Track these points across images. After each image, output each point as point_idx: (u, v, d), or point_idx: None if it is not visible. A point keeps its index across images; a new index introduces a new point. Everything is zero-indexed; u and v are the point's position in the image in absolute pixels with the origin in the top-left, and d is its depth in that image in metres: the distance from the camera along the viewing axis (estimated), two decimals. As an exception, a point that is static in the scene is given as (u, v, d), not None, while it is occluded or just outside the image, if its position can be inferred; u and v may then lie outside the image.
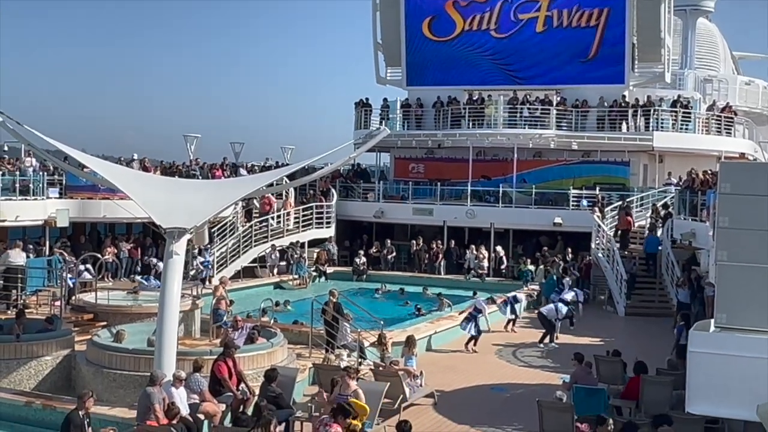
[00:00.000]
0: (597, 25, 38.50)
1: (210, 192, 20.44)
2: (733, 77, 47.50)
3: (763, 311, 8.08)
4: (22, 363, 17.20)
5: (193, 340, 19.66)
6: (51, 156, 21.67)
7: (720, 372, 7.98)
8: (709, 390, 8.12)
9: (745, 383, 7.69)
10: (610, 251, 31.18)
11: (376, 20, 42.38)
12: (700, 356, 8.22)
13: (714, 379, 8.03)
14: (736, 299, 8.32)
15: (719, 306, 8.47)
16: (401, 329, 22.65)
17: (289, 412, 14.45)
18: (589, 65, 38.96)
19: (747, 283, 8.18)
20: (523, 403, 16.50)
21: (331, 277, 34.62)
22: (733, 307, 8.31)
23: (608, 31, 38.33)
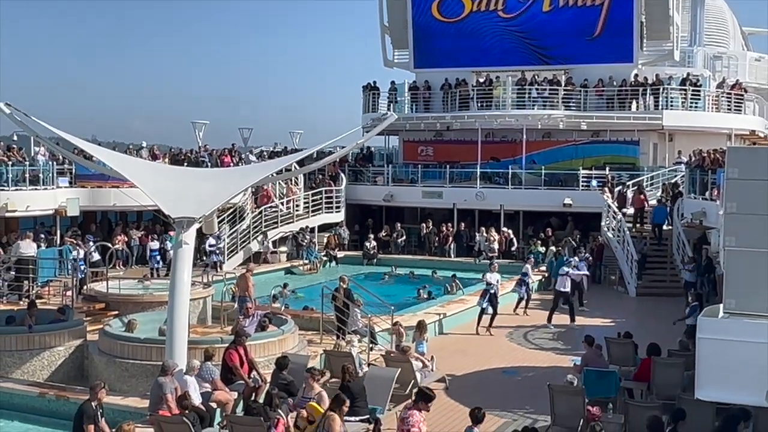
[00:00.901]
0: (602, 3, 38.25)
1: (218, 180, 20.46)
2: (743, 53, 47.27)
3: (767, 297, 8.07)
4: (35, 354, 17.30)
5: (204, 328, 19.72)
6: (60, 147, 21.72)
7: (729, 358, 7.97)
8: (718, 376, 8.11)
9: (754, 369, 7.67)
10: (620, 231, 31.08)
11: (382, 2, 42.22)
12: (709, 342, 8.20)
13: (723, 365, 8.03)
14: (744, 285, 8.28)
15: (728, 291, 8.43)
16: (412, 313, 22.71)
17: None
18: (596, 44, 38.73)
19: (756, 269, 8.13)
20: (534, 387, 16.51)
21: (342, 262, 34.68)
22: (741, 293, 8.27)
23: (614, 8, 38.07)
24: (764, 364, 7.54)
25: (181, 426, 12.50)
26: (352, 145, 25.06)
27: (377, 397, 14.57)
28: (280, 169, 24.06)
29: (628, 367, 16.75)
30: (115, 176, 22.67)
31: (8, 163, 29.26)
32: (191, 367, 14.38)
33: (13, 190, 28.64)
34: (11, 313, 19.28)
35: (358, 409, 14.17)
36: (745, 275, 8.30)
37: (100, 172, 27.56)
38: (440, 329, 22.66)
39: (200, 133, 42.03)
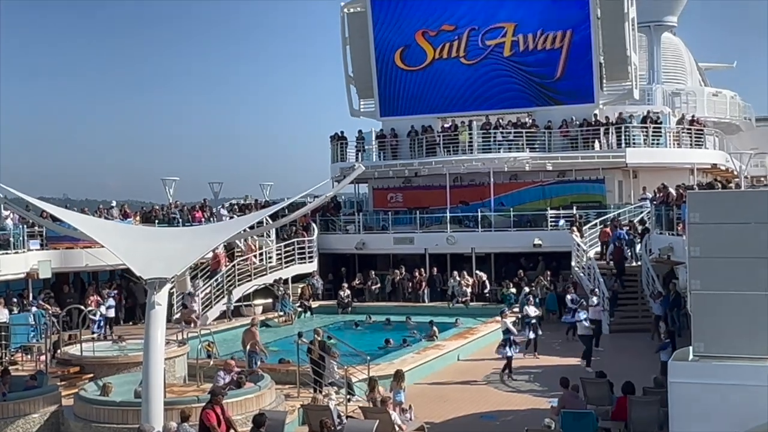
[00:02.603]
0: (561, 47, 38.85)
1: (189, 239, 20.35)
2: (701, 89, 48.08)
3: (739, 338, 8.09)
4: (9, 422, 16.99)
5: (180, 387, 19.49)
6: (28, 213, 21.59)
7: (701, 401, 7.95)
8: (691, 419, 8.08)
9: (726, 410, 7.67)
10: (590, 269, 31.22)
11: (346, 54, 42.69)
12: (680, 386, 8.20)
13: (696, 407, 8.01)
14: (712, 327, 8.30)
15: (696, 335, 8.45)
16: (388, 362, 22.57)
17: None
18: (558, 86, 39.27)
19: (722, 311, 8.17)
20: (512, 431, 16.45)
21: (317, 311, 34.56)
22: (709, 336, 8.29)
23: (573, 52, 38.68)
24: (736, 405, 7.55)
25: (159, 491, 12.35)
26: (323, 198, 25.12)
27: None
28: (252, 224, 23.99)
29: (604, 406, 16.74)
30: (86, 237, 22.52)
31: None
32: (168, 430, 14.22)
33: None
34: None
35: (338, 464, 14.10)
36: (712, 318, 8.34)
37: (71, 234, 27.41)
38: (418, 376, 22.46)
39: (170, 189, 41.83)
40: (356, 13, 42.03)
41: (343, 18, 42.40)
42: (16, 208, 23.32)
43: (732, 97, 49.04)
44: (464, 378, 22.76)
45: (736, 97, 49.60)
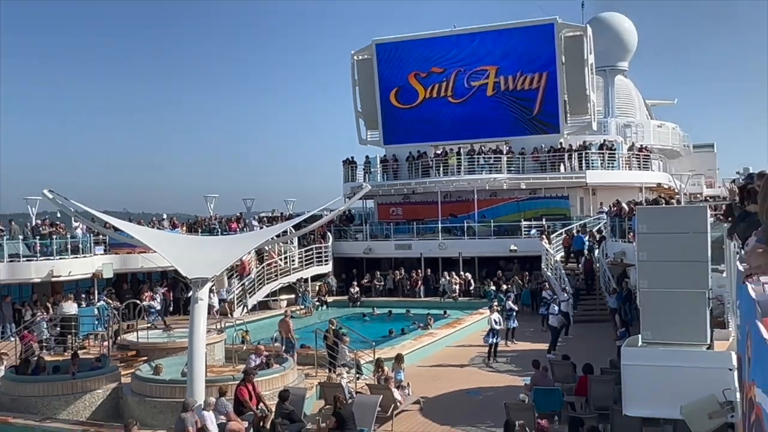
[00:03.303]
0: (539, 87, 38.89)
1: (227, 246, 20.42)
2: (648, 122, 48.11)
3: (680, 328, 8.09)
4: (78, 397, 17.05)
5: (219, 368, 19.49)
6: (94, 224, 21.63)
7: (649, 380, 7.92)
8: (640, 395, 8.05)
9: (669, 388, 7.64)
10: (557, 270, 31.23)
11: (355, 93, 42.74)
12: (631, 368, 8.16)
13: (644, 386, 7.98)
14: (657, 319, 8.29)
15: (644, 325, 8.45)
16: (390, 347, 22.56)
17: (300, 425, 14.37)
18: (531, 119, 39.36)
19: (665, 305, 8.18)
20: (493, 404, 16.40)
21: (331, 305, 34.49)
22: (655, 325, 8.28)
23: (546, 91, 38.75)
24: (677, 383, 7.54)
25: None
26: (336, 211, 25.12)
27: (364, 420, 14.47)
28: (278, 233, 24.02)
29: (569, 384, 16.72)
30: (142, 244, 22.58)
31: (53, 237, 29.17)
32: (208, 403, 14.22)
33: (57, 259, 28.49)
34: (57, 363, 19.07)
35: (348, 431, 14.05)
36: (657, 311, 8.33)
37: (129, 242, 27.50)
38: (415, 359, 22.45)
39: (211, 204, 41.87)
40: (363, 60, 42.09)
41: (353, 64, 42.46)
42: (85, 220, 23.36)
43: (673, 128, 49.15)
44: (453, 361, 22.73)
45: (677, 128, 49.72)
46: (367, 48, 41.97)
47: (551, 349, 22.88)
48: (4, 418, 16.15)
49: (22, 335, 23.54)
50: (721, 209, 18.26)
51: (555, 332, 23.86)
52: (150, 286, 32.09)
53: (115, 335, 24.11)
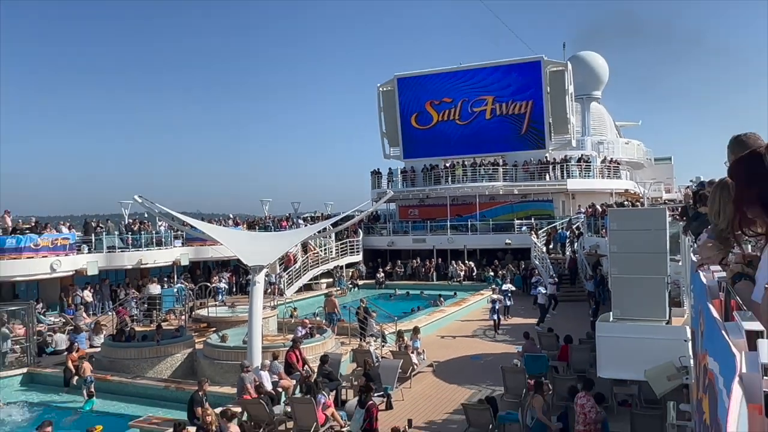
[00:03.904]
0: (525, 112, 38.72)
1: (278, 239, 20.55)
2: (617, 139, 47.48)
3: (643, 307, 8.00)
4: (162, 360, 17.28)
5: (272, 337, 19.60)
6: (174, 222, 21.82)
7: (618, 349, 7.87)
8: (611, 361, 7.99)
9: (634, 355, 7.58)
10: (543, 260, 31.01)
11: (381, 117, 42.70)
12: (604, 339, 8.11)
13: (614, 353, 7.92)
14: (625, 299, 8.21)
15: (614, 304, 8.37)
16: (410, 320, 22.56)
17: (336, 383, 14.40)
18: (521, 138, 39.13)
19: (631, 289, 8.10)
20: (492, 367, 16.38)
21: (362, 287, 34.49)
22: (624, 305, 8.20)
23: (533, 115, 38.56)
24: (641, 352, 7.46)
25: (258, 405, 12.39)
26: (365, 212, 25.09)
27: (388, 379, 14.48)
28: (320, 229, 24.10)
29: (553, 351, 16.63)
30: (211, 238, 22.78)
31: (142, 232, 29.52)
32: (264, 365, 14.33)
33: (144, 250, 28.78)
34: (145, 333, 19.32)
35: (376, 388, 14.07)
36: (625, 293, 8.25)
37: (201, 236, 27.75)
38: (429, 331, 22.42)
39: (266, 206, 42.03)
40: (387, 91, 42.09)
41: (378, 94, 42.43)
42: (167, 219, 23.60)
43: (638, 144, 48.51)
44: (459, 332, 22.68)
45: (641, 145, 49.08)
46: (389, 81, 41.95)
47: (539, 322, 22.75)
48: (103, 376, 16.38)
49: (117, 310, 23.85)
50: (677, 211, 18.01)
51: (543, 309, 23.72)
52: (218, 272, 32.38)
53: (190, 311, 24.31)
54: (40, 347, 18.68)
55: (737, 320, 1.96)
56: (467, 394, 14.69)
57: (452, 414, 13.33)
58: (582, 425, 9.16)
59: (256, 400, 12.48)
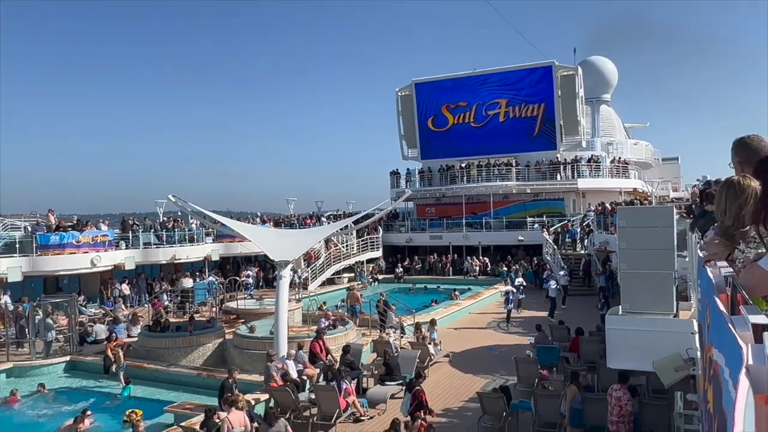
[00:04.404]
0: (537, 115, 38.47)
1: (303, 236, 20.62)
2: (626, 140, 46.96)
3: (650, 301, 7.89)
4: (194, 349, 17.42)
5: (297, 328, 19.69)
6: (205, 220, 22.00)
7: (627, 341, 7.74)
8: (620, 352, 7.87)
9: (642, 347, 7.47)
10: (555, 255, 30.76)
11: (399, 120, 42.66)
12: (614, 331, 7.98)
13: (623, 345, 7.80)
14: (634, 294, 8.08)
15: (624, 298, 8.24)
16: (427, 313, 22.52)
17: (358, 372, 14.41)
18: (534, 139, 38.87)
19: (639, 283, 7.98)
20: (506, 358, 16.30)
21: (381, 282, 34.45)
22: (632, 299, 8.08)
23: (545, 117, 38.30)
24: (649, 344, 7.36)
25: (284, 393, 12.46)
26: (385, 210, 25.09)
27: (406, 369, 14.46)
28: (342, 227, 24.14)
29: (564, 343, 16.48)
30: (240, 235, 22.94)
31: (174, 229, 29.81)
32: (290, 354, 14.39)
33: (178, 246, 29.07)
34: (179, 324, 19.48)
35: (395, 377, 14.08)
36: (634, 287, 8.14)
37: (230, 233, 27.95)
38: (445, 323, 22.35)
39: (291, 205, 42.29)
40: (405, 95, 42.05)
41: (397, 98, 42.39)
42: (198, 218, 23.77)
43: (646, 145, 47.91)
44: (474, 324, 22.61)
45: (649, 145, 48.47)
46: (407, 86, 41.88)
47: (550, 315, 22.60)
48: (140, 364, 16.57)
49: (153, 303, 24.13)
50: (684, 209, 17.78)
51: (553, 302, 23.55)
52: (246, 267, 32.60)
53: (221, 303, 24.52)
54: (82, 337, 18.94)
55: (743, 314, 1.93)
56: (482, 383, 14.64)
57: (468, 402, 13.29)
58: (616, 416, 9.02)
59: (282, 388, 12.55)
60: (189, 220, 31.14)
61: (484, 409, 11.74)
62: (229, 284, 28.18)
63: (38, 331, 17.88)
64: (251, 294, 27.52)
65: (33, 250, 22.82)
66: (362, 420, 12.37)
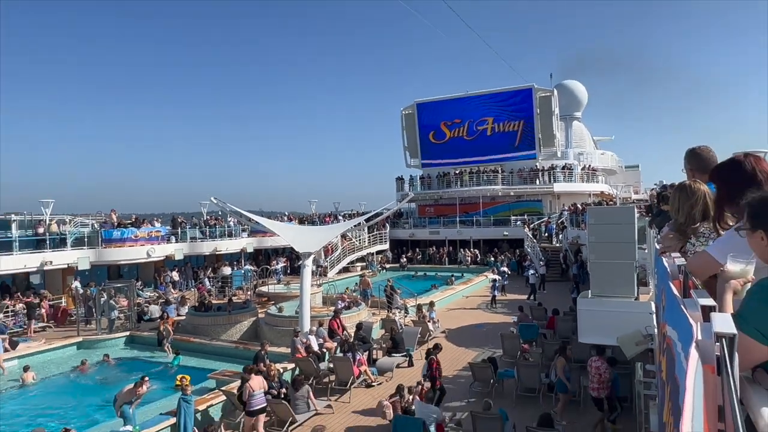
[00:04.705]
0: (518, 129, 38.30)
1: (323, 231, 20.63)
2: (594, 151, 46.58)
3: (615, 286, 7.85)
4: (232, 326, 17.51)
5: (318, 308, 19.73)
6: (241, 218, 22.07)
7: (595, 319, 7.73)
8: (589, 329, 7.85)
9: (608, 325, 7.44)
10: (534, 248, 30.61)
11: (403, 134, 42.53)
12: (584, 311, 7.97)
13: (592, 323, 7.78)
14: (600, 279, 8.06)
15: (592, 284, 8.21)
16: (427, 296, 22.47)
17: (369, 345, 14.41)
18: (516, 150, 38.66)
19: (605, 271, 7.95)
20: (493, 334, 16.27)
21: (389, 269, 34.39)
22: (600, 284, 8.04)
23: (525, 131, 38.10)
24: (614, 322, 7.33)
25: (307, 362, 12.48)
26: (391, 210, 25.01)
27: (410, 343, 14.49)
28: (356, 224, 24.10)
29: (542, 321, 16.45)
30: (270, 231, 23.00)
31: (216, 226, 29.91)
32: (312, 330, 14.41)
33: (219, 240, 29.18)
34: (220, 305, 19.54)
35: (400, 350, 14.07)
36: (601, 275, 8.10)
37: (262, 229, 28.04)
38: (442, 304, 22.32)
39: (313, 205, 42.32)
40: (408, 114, 41.96)
41: (401, 116, 42.28)
42: (235, 216, 23.85)
43: (611, 155, 47.51)
44: (466, 305, 22.53)
45: (614, 155, 48.06)
46: (410, 106, 41.75)
47: (529, 298, 22.53)
48: (187, 338, 16.66)
49: (198, 287, 24.26)
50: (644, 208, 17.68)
51: (533, 288, 23.45)
52: (275, 257, 32.66)
53: (255, 288, 24.60)
54: (139, 315, 19.08)
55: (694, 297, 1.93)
56: (473, 355, 14.61)
57: (461, 371, 13.27)
58: (597, 383, 8.98)
59: (305, 359, 12.58)
60: (228, 218, 31.28)
61: (475, 377, 11.73)
62: (262, 272, 28.26)
63: (103, 311, 18.03)
64: (280, 280, 27.61)
65: (99, 244, 22.99)
66: (373, 386, 12.39)
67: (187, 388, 9.73)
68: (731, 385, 1.33)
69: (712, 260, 2.16)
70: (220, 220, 31.49)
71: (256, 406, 9.62)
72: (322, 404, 10.81)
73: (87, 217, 26.43)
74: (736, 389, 1.33)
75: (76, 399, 12.76)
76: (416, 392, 10.06)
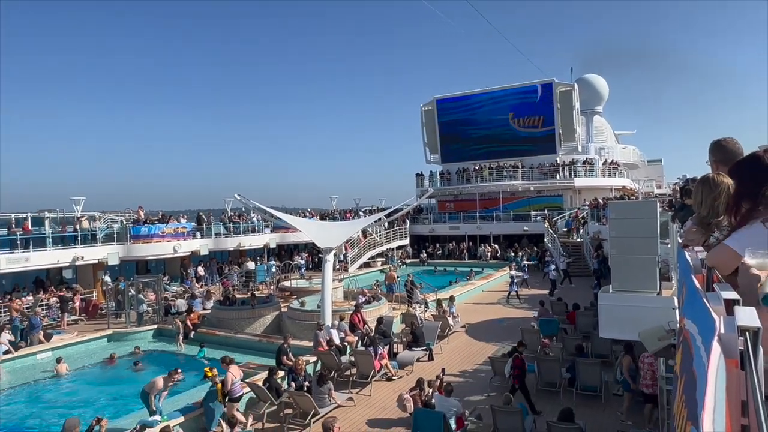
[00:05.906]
0: (538, 125, 37.84)
1: (344, 227, 20.69)
2: (616, 145, 45.82)
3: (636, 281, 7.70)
4: (256, 319, 17.66)
5: (340, 302, 19.78)
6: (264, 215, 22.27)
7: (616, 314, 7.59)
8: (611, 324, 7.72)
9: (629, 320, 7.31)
10: (554, 243, 30.24)
11: (423, 132, 42.39)
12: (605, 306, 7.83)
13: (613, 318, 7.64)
14: (622, 274, 7.90)
15: (613, 278, 8.06)
16: (447, 291, 22.39)
17: (389, 339, 14.40)
18: (536, 146, 38.22)
19: (627, 266, 7.79)
20: (513, 329, 16.15)
21: (409, 265, 34.40)
22: (621, 279, 7.89)
23: (545, 126, 37.63)
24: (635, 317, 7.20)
25: (329, 356, 12.55)
26: (412, 206, 25.00)
27: (430, 337, 14.46)
28: (376, 219, 24.11)
29: (562, 316, 16.28)
30: (293, 227, 23.15)
31: (239, 222, 30.23)
32: (334, 324, 14.48)
33: (242, 236, 29.49)
34: (244, 299, 19.74)
35: (420, 344, 14.06)
36: (623, 269, 7.95)
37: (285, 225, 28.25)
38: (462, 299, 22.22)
39: (334, 201, 42.51)
40: (428, 110, 41.79)
41: (421, 113, 42.13)
42: (258, 212, 24.14)
43: (633, 149, 46.73)
44: (486, 300, 22.40)
45: (636, 149, 47.27)
46: (430, 102, 41.58)
47: (550, 293, 22.28)
48: (213, 331, 16.91)
49: (223, 282, 24.58)
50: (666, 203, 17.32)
51: (553, 283, 23.19)
52: (298, 252, 32.89)
53: (277, 282, 24.78)
54: (166, 309, 19.41)
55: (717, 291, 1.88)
56: (493, 350, 14.53)
57: (481, 365, 13.21)
58: (650, 380, 8.80)
59: (327, 352, 12.66)
60: (251, 215, 31.58)
61: (495, 371, 11.66)
62: (284, 267, 28.50)
63: (132, 305, 18.39)
64: (302, 275, 27.81)
65: (127, 239, 23.45)
66: (393, 379, 12.41)
67: (215, 379, 9.92)
68: (755, 379, 1.30)
69: (733, 253, 2.11)
70: (244, 217, 31.80)
71: (237, 393, 9.90)
72: (344, 397, 10.87)
73: (116, 214, 26.98)
74: (760, 384, 1.30)
75: (108, 389, 13.06)
76: (434, 386, 10.05)
